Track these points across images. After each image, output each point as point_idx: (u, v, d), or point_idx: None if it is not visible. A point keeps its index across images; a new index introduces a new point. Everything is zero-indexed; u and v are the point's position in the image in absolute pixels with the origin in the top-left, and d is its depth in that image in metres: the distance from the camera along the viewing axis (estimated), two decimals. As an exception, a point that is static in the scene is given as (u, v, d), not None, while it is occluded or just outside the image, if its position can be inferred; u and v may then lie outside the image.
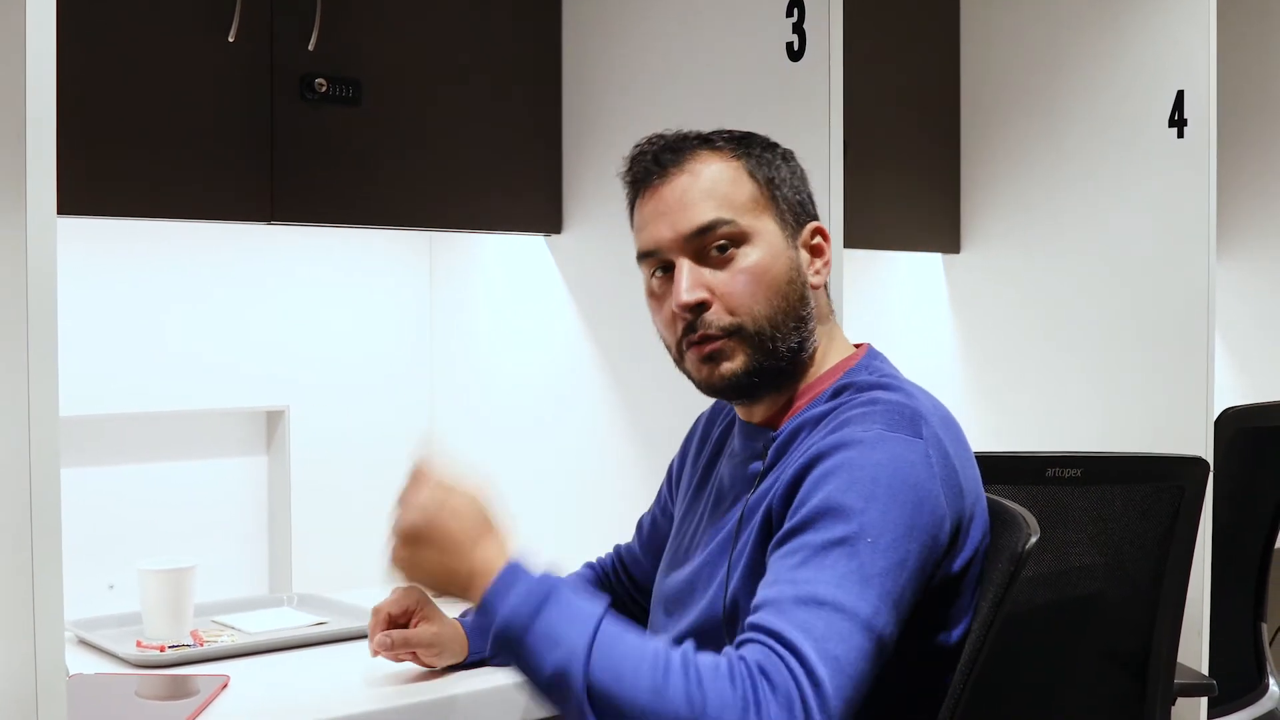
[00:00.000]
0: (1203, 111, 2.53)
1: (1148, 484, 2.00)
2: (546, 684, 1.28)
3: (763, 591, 1.34)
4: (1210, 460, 2.44)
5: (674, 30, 2.12)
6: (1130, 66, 2.63)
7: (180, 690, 1.68)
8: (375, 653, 1.69)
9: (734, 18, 2.02)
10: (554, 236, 2.31)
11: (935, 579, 1.41)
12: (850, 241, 2.02)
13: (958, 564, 1.44)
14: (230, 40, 1.91)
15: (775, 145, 1.62)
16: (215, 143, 1.93)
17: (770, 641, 1.27)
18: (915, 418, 1.43)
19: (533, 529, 2.32)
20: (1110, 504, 1.99)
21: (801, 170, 1.62)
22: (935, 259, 3.00)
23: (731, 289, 1.52)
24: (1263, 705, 2.83)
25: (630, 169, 1.61)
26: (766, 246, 1.53)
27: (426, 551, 1.38)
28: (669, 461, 2.08)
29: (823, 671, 1.25)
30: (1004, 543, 1.43)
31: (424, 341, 2.55)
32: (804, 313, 1.55)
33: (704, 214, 1.53)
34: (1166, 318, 2.57)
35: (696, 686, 1.23)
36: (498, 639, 1.31)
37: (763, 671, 1.24)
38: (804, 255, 1.57)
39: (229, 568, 2.31)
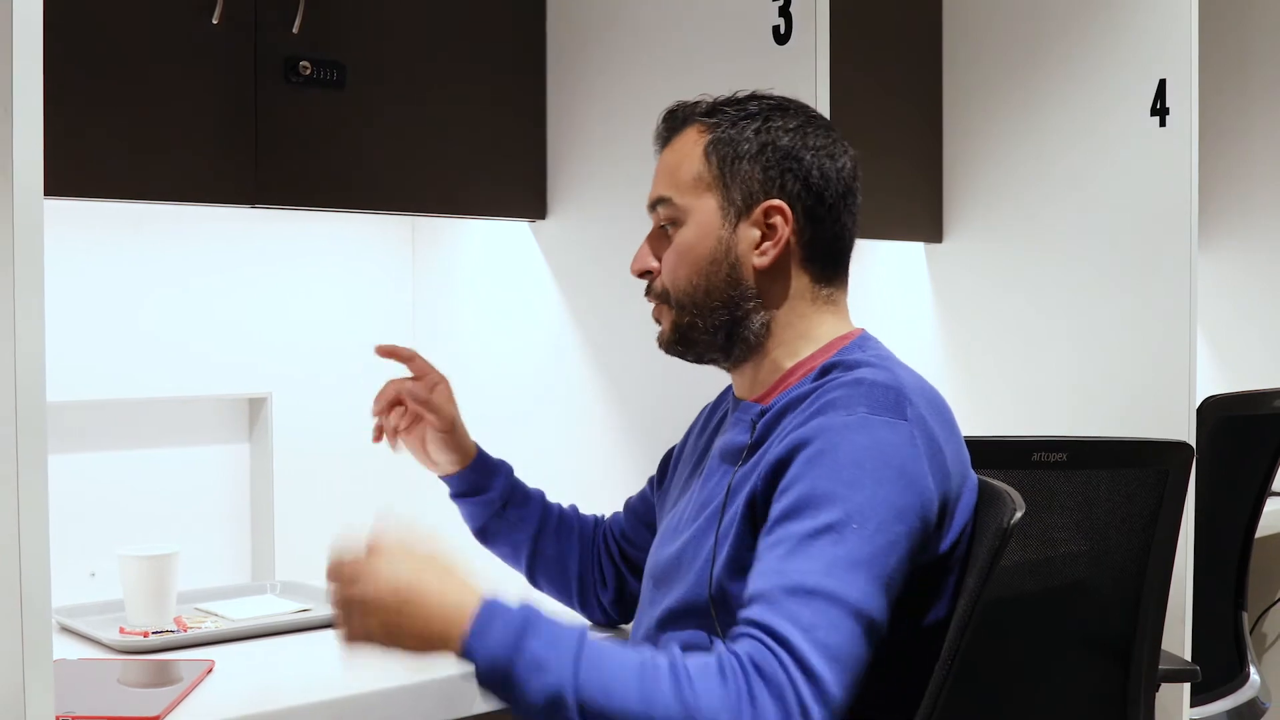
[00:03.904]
0: (1185, 100, 2.53)
1: (1133, 468, 2.01)
2: (541, 712, 1.27)
3: (753, 583, 1.35)
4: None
5: (660, 13, 2.11)
6: (1113, 55, 2.63)
7: (164, 676, 1.67)
8: (390, 424, 1.81)
9: (720, 0, 2.01)
10: (538, 222, 2.30)
11: (922, 560, 1.42)
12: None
13: (944, 544, 1.44)
14: (214, 23, 1.90)
15: (771, 115, 1.59)
16: (199, 126, 1.92)
17: (760, 635, 1.28)
18: (900, 399, 1.43)
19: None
20: (1096, 488, 1.99)
21: (804, 142, 1.57)
22: (917, 248, 3.00)
23: (664, 264, 1.62)
24: (1243, 694, 2.85)
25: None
26: (696, 226, 1.58)
27: (394, 615, 1.32)
28: (655, 449, 2.08)
29: (814, 660, 1.25)
30: (989, 519, 1.43)
31: (407, 328, 2.54)
32: (734, 293, 1.57)
33: (655, 190, 1.64)
34: (1149, 306, 2.57)
35: (687, 687, 1.23)
36: (485, 680, 1.29)
37: (755, 665, 1.25)
38: (750, 234, 1.57)
39: (211, 555, 2.29)
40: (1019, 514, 1.39)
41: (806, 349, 1.58)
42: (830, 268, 1.60)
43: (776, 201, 1.56)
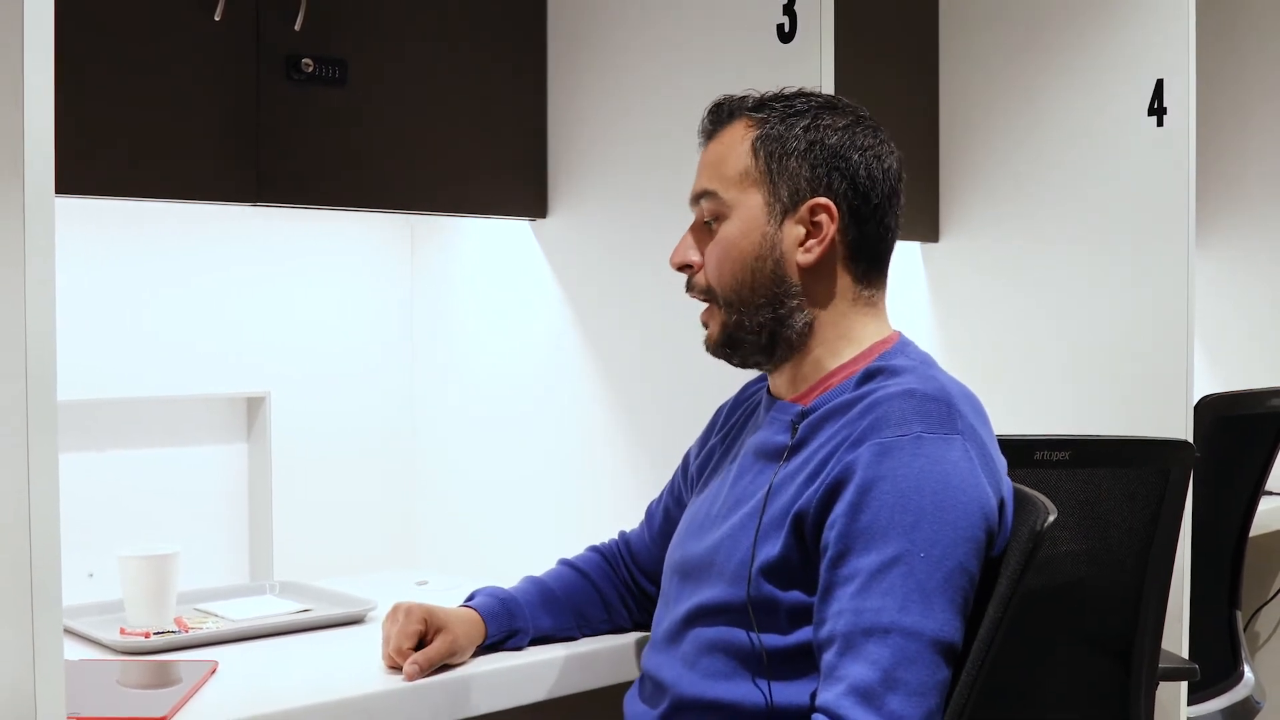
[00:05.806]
0: (1182, 100, 2.53)
1: (1134, 467, 2.01)
2: None
3: (829, 622, 1.39)
4: (1190, 446, 2.45)
5: (663, 12, 2.10)
6: (1110, 55, 2.63)
7: (167, 677, 1.67)
8: (412, 679, 1.64)
9: None
10: (539, 221, 2.30)
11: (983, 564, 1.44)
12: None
13: (998, 549, 1.45)
14: (216, 20, 1.89)
15: (820, 113, 1.58)
16: (201, 123, 1.91)
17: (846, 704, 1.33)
18: (950, 411, 1.44)
19: (516, 520, 2.33)
20: (1097, 487, 2.00)
21: (852, 142, 1.57)
22: (914, 248, 2.99)
23: (707, 259, 1.60)
24: (1238, 692, 2.85)
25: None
26: (741, 221, 1.58)
27: None
28: (656, 449, 2.07)
29: (895, 704, 1.32)
30: (1021, 523, 1.45)
31: (406, 328, 2.53)
32: (778, 290, 1.56)
33: (699, 184, 1.62)
34: (1146, 306, 2.57)
35: None
36: None
37: None
38: (795, 231, 1.56)
39: (209, 556, 2.28)
40: (1052, 517, 1.40)
41: (849, 351, 1.58)
42: (872, 268, 1.60)
43: (823, 199, 1.56)
